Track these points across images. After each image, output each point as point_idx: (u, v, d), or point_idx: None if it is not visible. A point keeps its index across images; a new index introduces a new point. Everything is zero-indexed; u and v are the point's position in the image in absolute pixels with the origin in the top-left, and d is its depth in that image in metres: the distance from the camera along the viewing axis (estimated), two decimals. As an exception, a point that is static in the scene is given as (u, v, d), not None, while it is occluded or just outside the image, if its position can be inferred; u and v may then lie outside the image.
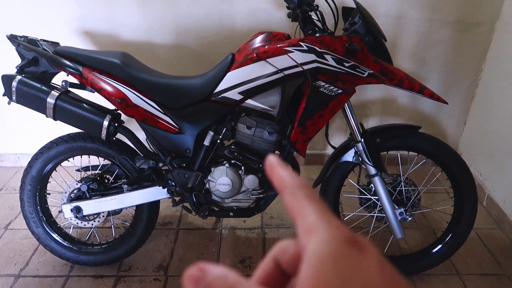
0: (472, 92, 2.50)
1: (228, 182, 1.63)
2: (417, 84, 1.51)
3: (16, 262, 1.93)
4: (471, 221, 1.73)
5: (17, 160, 2.74)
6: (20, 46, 1.55)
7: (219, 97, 1.53)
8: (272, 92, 1.52)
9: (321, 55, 1.41)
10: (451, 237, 1.77)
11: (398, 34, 2.32)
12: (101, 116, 1.57)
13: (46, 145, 1.73)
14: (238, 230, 2.14)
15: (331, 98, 1.48)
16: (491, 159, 2.30)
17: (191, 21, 2.27)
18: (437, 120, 2.62)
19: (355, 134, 1.61)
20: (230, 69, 1.50)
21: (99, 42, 2.32)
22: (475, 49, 2.36)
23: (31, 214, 1.81)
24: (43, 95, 1.53)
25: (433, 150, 1.65)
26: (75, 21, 2.27)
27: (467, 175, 1.67)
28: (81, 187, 1.74)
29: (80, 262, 1.87)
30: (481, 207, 2.31)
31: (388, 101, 2.54)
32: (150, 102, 1.58)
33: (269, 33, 1.51)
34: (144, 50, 2.33)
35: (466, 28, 2.29)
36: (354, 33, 1.46)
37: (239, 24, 2.28)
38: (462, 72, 2.43)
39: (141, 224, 1.82)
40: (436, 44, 2.35)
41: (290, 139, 1.55)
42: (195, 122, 1.61)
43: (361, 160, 1.64)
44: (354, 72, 1.44)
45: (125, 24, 2.27)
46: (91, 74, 1.55)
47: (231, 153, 1.60)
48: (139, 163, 1.68)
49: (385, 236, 1.97)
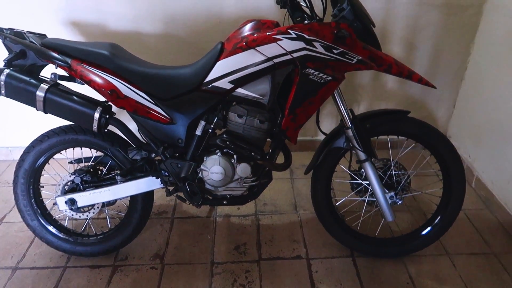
0: (461, 75, 2.52)
1: (221, 171, 1.65)
2: (405, 69, 1.52)
3: (12, 255, 1.94)
4: (459, 202, 1.77)
5: (9, 153, 2.72)
6: (7, 39, 1.53)
7: (209, 86, 1.53)
8: (262, 81, 1.52)
9: (310, 43, 1.41)
10: (440, 219, 1.81)
11: (386, 19, 2.32)
12: (92, 108, 1.56)
13: (37, 138, 1.72)
14: (233, 218, 2.16)
15: (321, 85, 1.49)
16: (479, 141, 2.34)
17: (179, 9, 2.25)
18: (426, 104, 2.64)
19: (345, 120, 1.63)
20: (220, 58, 1.50)
21: (86, 32, 2.30)
22: (463, 32, 2.37)
23: (26, 207, 1.81)
24: (33, 89, 1.52)
25: (422, 134, 1.68)
26: (62, 11, 2.24)
27: (455, 158, 1.70)
28: (74, 179, 1.74)
29: (77, 253, 1.89)
30: (470, 189, 2.36)
31: (377, 86, 2.56)
32: (140, 93, 1.58)
33: (257, 21, 1.51)
34: (132, 40, 2.31)
35: (454, 11, 2.31)
36: (343, 19, 1.46)
37: (228, 12, 2.27)
38: (450, 55, 2.45)
39: (136, 214, 1.84)
40: (425, 28, 2.36)
41: (281, 127, 1.57)
42: (186, 112, 1.61)
43: (352, 145, 1.66)
44: (343, 59, 1.45)
45: (113, 13, 2.25)
46: (80, 66, 1.54)
47: (223, 142, 1.61)
48: (131, 154, 1.69)
49: (377, 219, 2.02)
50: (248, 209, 2.22)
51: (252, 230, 2.07)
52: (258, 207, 2.24)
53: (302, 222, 2.12)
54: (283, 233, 2.05)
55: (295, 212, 2.20)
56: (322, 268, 1.84)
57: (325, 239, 1.99)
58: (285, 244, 1.98)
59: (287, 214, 2.19)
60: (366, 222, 2.02)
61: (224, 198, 1.77)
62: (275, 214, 2.19)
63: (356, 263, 1.87)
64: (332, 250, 1.94)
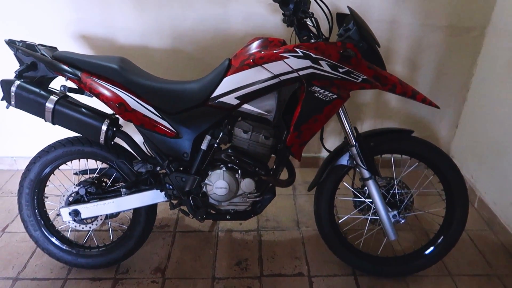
0: (464, 96, 2.55)
1: (225, 186, 1.66)
2: (409, 89, 1.54)
3: (13, 265, 1.94)
4: (462, 222, 1.77)
5: (14, 163, 2.74)
6: (19, 51, 1.57)
7: (216, 101, 1.55)
8: (268, 97, 1.55)
9: (316, 61, 1.44)
10: (443, 239, 1.80)
11: (391, 39, 2.36)
12: (100, 121, 1.59)
13: (44, 148, 1.74)
14: (235, 233, 2.16)
15: (326, 103, 1.51)
16: (482, 161, 2.34)
17: (187, 26, 2.30)
18: (429, 124, 2.66)
19: (350, 138, 1.65)
20: (227, 74, 1.52)
21: (96, 46, 2.34)
22: (466, 53, 2.41)
23: (29, 217, 1.82)
24: (42, 100, 1.55)
25: (425, 153, 1.69)
26: (73, 25, 2.28)
27: (458, 178, 1.71)
28: (79, 190, 1.75)
29: (78, 265, 1.88)
30: (472, 209, 2.35)
31: (382, 105, 2.58)
32: (148, 107, 1.60)
33: (265, 39, 1.54)
34: (141, 54, 2.35)
35: (458, 33, 2.34)
36: (348, 39, 1.49)
37: (235, 29, 2.31)
38: (453, 76, 2.48)
39: (139, 227, 1.84)
40: (428, 48, 2.39)
41: (286, 143, 1.58)
42: (192, 127, 1.63)
43: (355, 163, 1.67)
44: (348, 77, 1.47)
45: (122, 28, 2.29)
46: (90, 79, 1.57)
47: (228, 157, 1.62)
48: (137, 167, 1.70)
49: (379, 238, 2.01)
50: (250, 225, 2.21)
51: (254, 245, 2.07)
52: (261, 222, 2.24)
53: (304, 239, 2.12)
54: (285, 250, 2.04)
55: (297, 229, 2.19)
56: (324, 286, 1.83)
57: (327, 256, 1.98)
58: (287, 260, 1.97)
59: (289, 230, 2.18)
60: (369, 241, 2.01)
61: (227, 213, 1.78)
62: (277, 230, 2.18)
63: (358, 282, 1.86)
64: (334, 268, 1.93)
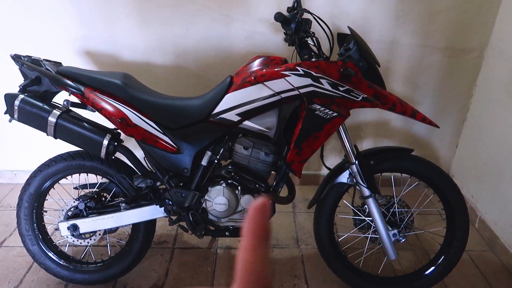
0: (463, 116, 2.56)
1: (225, 202, 1.66)
2: (409, 108, 1.55)
3: (9, 280, 1.91)
4: (463, 243, 1.76)
5: (13, 177, 2.74)
6: (24, 66, 1.59)
7: (217, 118, 1.57)
8: (269, 114, 1.56)
9: (317, 79, 1.46)
10: (443, 259, 1.79)
11: (391, 59, 2.39)
12: (101, 135, 1.60)
13: (45, 162, 1.74)
14: (233, 250, 2.14)
15: (327, 120, 1.52)
16: (482, 181, 2.34)
17: (190, 43, 2.33)
18: (429, 143, 2.67)
19: (350, 156, 1.65)
20: (229, 91, 1.54)
21: (100, 62, 2.37)
22: (466, 74, 2.43)
23: (27, 231, 1.81)
24: (45, 114, 1.56)
25: (426, 172, 1.69)
26: (78, 41, 2.32)
27: (458, 198, 1.71)
28: (78, 205, 1.75)
29: (75, 280, 1.86)
30: (473, 229, 2.34)
31: (382, 124, 2.60)
32: (149, 122, 1.61)
33: (266, 57, 1.57)
34: (144, 71, 2.38)
35: (457, 54, 2.37)
36: (349, 58, 1.51)
37: (237, 47, 2.34)
38: (453, 96, 2.50)
39: (137, 243, 1.83)
40: (428, 69, 2.42)
41: (286, 160, 1.59)
42: (193, 142, 1.64)
43: (356, 181, 1.67)
44: (348, 96, 1.49)
45: (126, 45, 2.33)
46: (93, 94, 1.58)
47: (228, 173, 1.63)
48: (137, 182, 1.70)
49: (379, 257, 1.99)
50: (250, 242, 2.19)
51: (253, 263, 2.04)
52: (260, 240, 2.22)
53: (304, 257, 2.10)
54: (284, 268, 2.02)
55: (296, 247, 2.18)
56: (323, 305, 1.81)
57: (326, 275, 1.96)
58: (286, 278, 1.95)
59: (288, 248, 2.17)
60: (369, 260, 1.99)
61: (226, 229, 1.77)
62: (277, 247, 2.17)
63: (358, 302, 1.83)
64: (333, 287, 1.91)
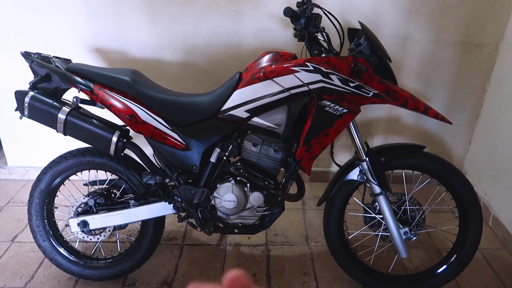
0: (477, 112, 2.51)
1: (234, 199, 1.65)
2: (421, 104, 1.52)
3: (21, 275, 1.94)
4: (476, 241, 1.72)
5: (25, 173, 2.77)
6: (34, 63, 1.60)
7: (226, 114, 1.55)
8: (278, 111, 1.54)
9: (327, 75, 1.44)
10: (456, 258, 1.76)
11: (403, 55, 2.35)
12: (110, 132, 1.60)
13: (55, 159, 1.75)
14: (243, 247, 2.14)
15: (337, 117, 1.50)
16: (496, 179, 2.30)
17: (199, 40, 2.32)
18: (442, 139, 2.63)
19: (360, 153, 1.63)
20: (237, 88, 1.53)
21: (109, 59, 2.38)
22: (480, 69, 2.38)
23: (38, 227, 1.83)
24: (55, 111, 1.57)
25: (438, 169, 1.66)
26: (87, 38, 2.33)
27: (472, 195, 1.67)
28: (88, 201, 1.76)
29: (85, 276, 1.88)
30: (487, 228, 2.30)
31: (393, 120, 2.56)
32: (158, 119, 1.61)
33: (276, 53, 1.55)
34: (153, 67, 2.38)
35: (471, 49, 2.33)
36: (360, 53, 1.49)
37: (246, 43, 2.33)
38: (466, 92, 2.45)
39: (146, 239, 1.83)
40: (441, 64, 2.38)
41: (295, 157, 1.57)
42: (202, 139, 1.63)
43: (366, 178, 1.65)
44: (359, 92, 1.46)
45: (135, 41, 2.33)
46: (102, 91, 1.58)
47: (237, 170, 1.62)
48: (146, 179, 1.70)
49: (390, 255, 1.97)
50: (259, 239, 2.19)
51: (262, 260, 2.04)
52: (269, 237, 2.21)
53: (313, 254, 2.09)
54: (293, 265, 2.01)
55: (306, 244, 2.16)
56: (333, 303, 1.80)
57: (336, 273, 1.94)
58: (295, 276, 1.94)
59: (298, 245, 2.15)
60: (379, 258, 1.97)
61: (235, 226, 1.76)
62: (286, 245, 2.16)
63: (368, 300, 1.82)
64: (343, 285, 1.89)
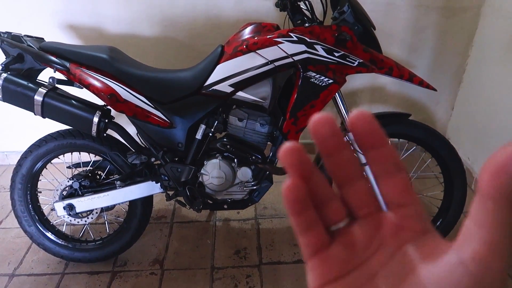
0: (459, 78, 2.52)
1: (221, 175, 1.64)
2: (406, 72, 1.52)
3: (9, 261, 1.91)
4: (461, 205, 1.77)
5: (5, 158, 2.69)
6: (4, 43, 1.51)
7: (209, 90, 1.52)
8: (263, 84, 1.51)
9: (311, 46, 1.40)
10: (441, 222, 1.80)
11: (386, 21, 2.32)
12: (91, 113, 1.55)
13: (35, 143, 1.70)
14: (232, 222, 2.15)
15: (322, 88, 1.48)
16: (478, 143, 2.34)
17: (177, 12, 2.24)
18: (425, 106, 2.64)
19: (347, 124, 1.62)
20: (220, 62, 1.49)
21: (84, 36, 2.28)
22: (462, 34, 2.38)
23: (23, 213, 1.79)
24: (30, 93, 1.50)
25: (423, 136, 1.67)
26: (59, 14, 2.22)
27: (456, 161, 1.70)
28: (72, 184, 1.72)
29: (75, 259, 1.86)
30: (469, 191, 2.35)
31: (377, 89, 2.55)
32: (140, 97, 1.56)
33: (258, 24, 1.50)
34: (130, 43, 2.30)
35: (453, 13, 2.31)
36: (343, 22, 1.45)
37: (226, 14, 2.26)
38: (449, 57, 2.45)
39: (135, 219, 1.82)
40: (424, 30, 2.36)
41: (282, 130, 1.56)
42: (186, 116, 1.60)
43: (353, 148, 1.65)
44: (344, 61, 1.44)
45: (110, 16, 2.23)
46: (79, 70, 1.52)
47: (223, 146, 1.60)
48: (131, 159, 1.67)
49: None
50: (248, 213, 2.20)
51: (252, 234, 2.06)
52: (258, 211, 2.23)
53: (303, 225, 2.11)
54: (283, 237, 2.03)
55: (295, 216, 2.18)
56: (324, 272, 1.83)
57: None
58: (286, 248, 1.96)
59: (287, 218, 2.17)
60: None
61: (224, 202, 1.76)
62: (275, 218, 2.17)
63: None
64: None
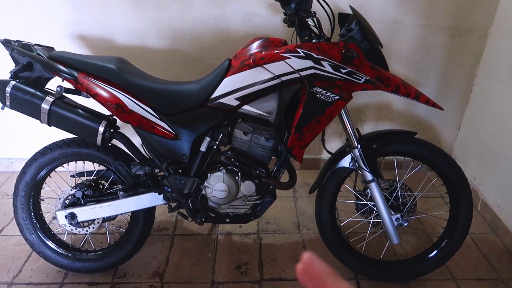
0: (466, 97, 2.52)
1: (225, 188, 1.63)
2: (413, 90, 1.51)
3: (9, 269, 1.90)
4: (466, 226, 1.74)
5: (10, 165, 2.70)
6: (14, 51, 1.53)
7: (215, 102, 1.52)
8: (269, 98, 1.51)
9: (318, 62, 1.41)
10: (446, 242, 1.77)
11: (393, 40, 2.33)
12: (97, 122, 1.55)
13: (40, 150, 1.70)
14: (234, 236, 2.12)
15: (328, 104, 1.48)
16: (485, 163, 2.31)
17: (186, 26, 2.27)
18: (431, 125, 2.63)
19: (352, 140, 1.62)
20: (227, 75, 1.49)
21: (94, 46, 2.31)
22: (469, 54, 2.38)
23: (25, 220, 1.78)
24: (38, 101, 1.51)
25: (429, 155, 1.66)
26: (70, 25, 2.25)
27: (462, 181, 1.68)
28: (75, 193, 1.72)
29: (75, 269, 1.85)
30: (476, 212, 2.32)
31: (384, 106, 2.55)
32: (146, 108, 1.57)
33: (265, 39, 1.51)
34: (139, 55, 2.32)
35: (460, 33, 2.31)
36: (351, 39, 1.46)
37: (234, 29, 2.28)
38: (456, 77, 2.45)
39: (137, 231, 1.80)
40: (431, 49, 2.36)
41: (287, 145, 1.55)
42: (191, 128, 1.60)
43: (358, 166, 1.64)
44: (350, 78, 1.44)
45: (120, 28, 2.26)
46: (87, 79, 1.53)
47: (227, 159, 1.59)
48: (134, 169, 1.66)
49: (382, 241, 1.98)
50: (250, 228, 2.18)
51: (254, 249, 2.03)
52: (261, 225, 2.20)
53: (305, 242, 2.08)
54: (285, 253, 2.00)
55: (298, 232, 2.16)
56: (325, 290, 1.80)
57: (328, 260, 1.94)
58: (288, 264, 1.94)
59: (290, 233, 2.15)
60: (371, 244, 1.98)
61: (227, 216, 1.74)
62: (278, 233, 2.15)
63: (360, 286, 1.82)
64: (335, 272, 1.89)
